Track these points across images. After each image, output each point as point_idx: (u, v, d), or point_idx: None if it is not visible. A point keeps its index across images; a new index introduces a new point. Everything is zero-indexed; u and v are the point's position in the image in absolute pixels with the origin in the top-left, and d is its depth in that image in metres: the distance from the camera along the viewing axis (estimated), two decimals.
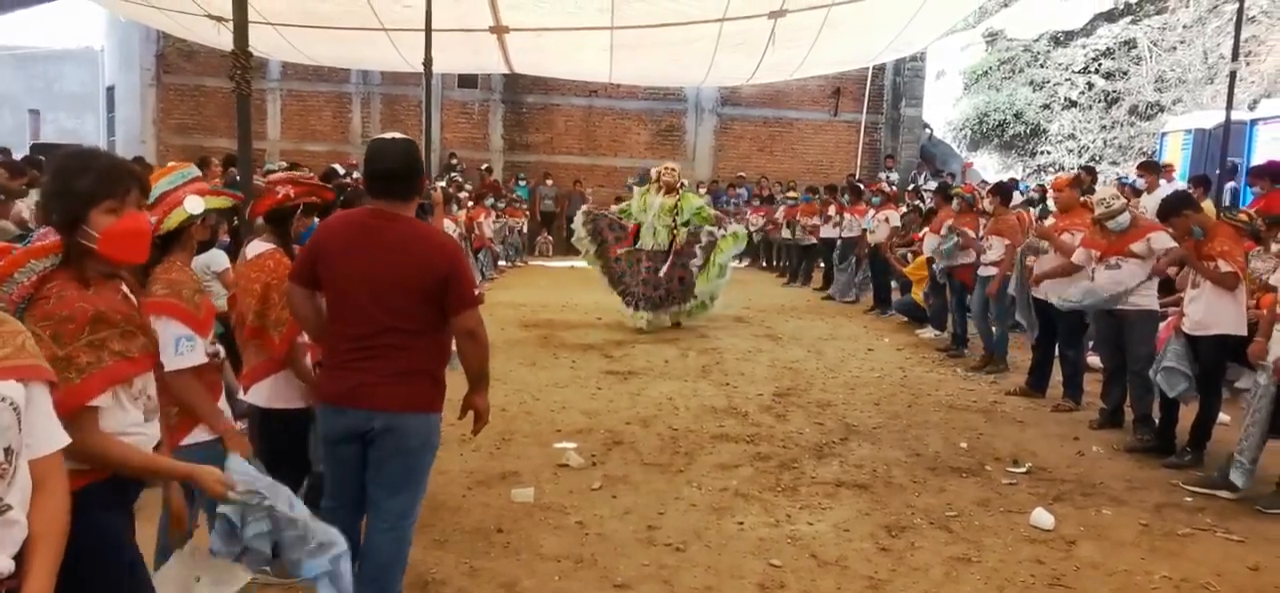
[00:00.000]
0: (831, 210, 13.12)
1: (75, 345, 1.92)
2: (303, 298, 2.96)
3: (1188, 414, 5.43)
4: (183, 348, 2.54)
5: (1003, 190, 8.44)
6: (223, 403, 2.83)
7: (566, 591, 3.51)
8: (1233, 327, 5.15)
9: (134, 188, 2.07)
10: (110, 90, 20.69)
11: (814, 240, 14.15)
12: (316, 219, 3.48)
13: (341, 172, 8.61)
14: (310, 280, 2.91)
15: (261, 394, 3.34)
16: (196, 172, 2.86)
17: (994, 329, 8.04)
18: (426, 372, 2.87)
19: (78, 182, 1.99)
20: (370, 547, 2.89)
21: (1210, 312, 5.15)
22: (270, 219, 3.46)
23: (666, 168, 9.74)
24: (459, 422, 3.10)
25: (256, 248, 3.48)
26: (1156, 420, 5.61)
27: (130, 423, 2.07)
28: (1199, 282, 5.23)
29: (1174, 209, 5.38)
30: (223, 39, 8.21)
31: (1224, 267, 5.08)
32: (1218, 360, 5.27)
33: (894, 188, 15.51)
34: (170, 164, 2.90)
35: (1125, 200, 5.81)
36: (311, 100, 19.66)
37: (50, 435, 1.65)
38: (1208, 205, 8.90)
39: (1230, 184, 11.78)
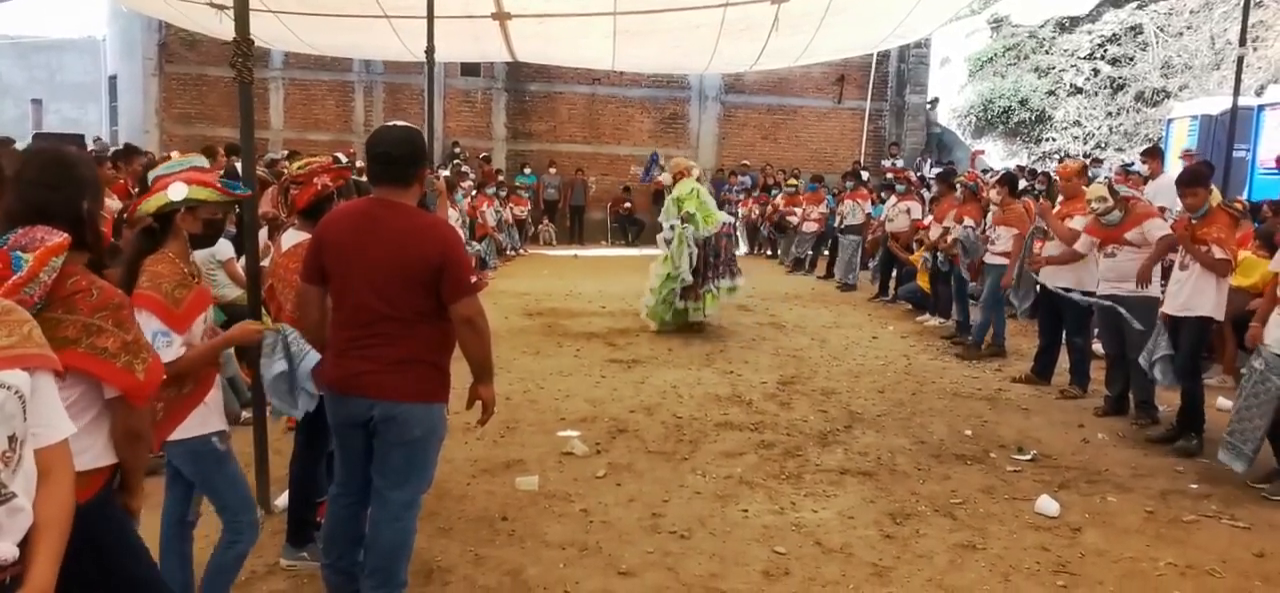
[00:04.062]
0: (855, 200, 12.94)
1: (136, 329, 2.03)
2: (315, 298, 2.92)
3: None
4: (159, 343, 2.48)
5: (1010, 180, 8.41)
6: (216, 394, 2.79)
7: (571, 578, 3.52)
8: (1212, 311, 5.20)
9: None
10: (112, 80, 20.66)
11: (819, 228, 14.13)
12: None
13: (344, 160, 8.57)
14: (318, 276, 2.88)
15: None
16: (200, 161, 2.82)
17: (985, 317, 8.05)
18: (427, 361, 2.84)
19: (86, 172, 2.05)
20: (375, 537, 2.89)
21: (1194, 295, 5.20)
22: (306, 212, 3.46)
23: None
24: (464, 410, 3.09)
25: (292, 238, 3.49)
26: (1160, 408, 5.60)
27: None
28: (1188, 263, 5.26)
29: (1188, 183, 5.40)
30: (224, 28, 8.18)
31: (1218, 253, 5.12)
32: (1198, 343, 5.31)
33: (920, 177, 15.39)
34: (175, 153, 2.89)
35: (1112, 203, 5.82)
36: (314, 89, 19.64)
37: (56, 425, 1.65)
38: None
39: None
